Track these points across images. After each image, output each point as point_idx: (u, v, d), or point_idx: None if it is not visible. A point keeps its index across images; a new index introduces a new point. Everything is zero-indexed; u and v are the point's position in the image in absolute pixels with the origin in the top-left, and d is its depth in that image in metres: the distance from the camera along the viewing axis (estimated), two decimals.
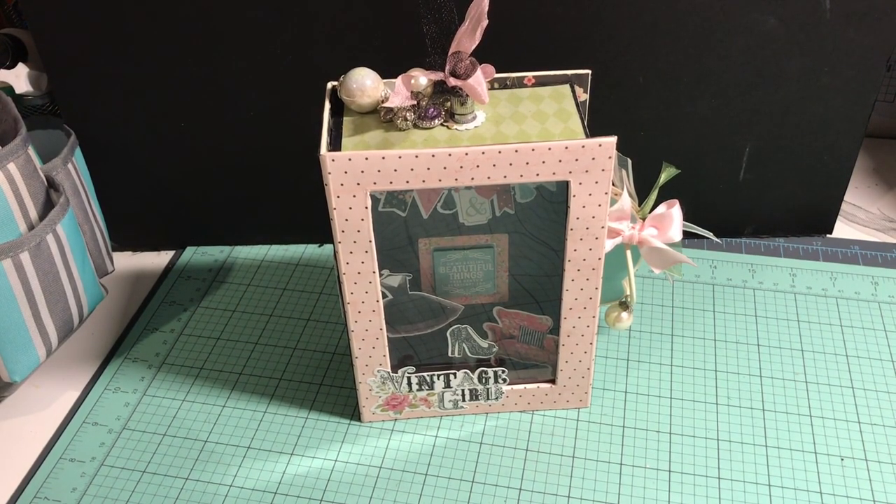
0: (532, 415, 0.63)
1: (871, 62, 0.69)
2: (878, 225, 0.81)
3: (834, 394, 0.64)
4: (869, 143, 0.91)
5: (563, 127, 0.52)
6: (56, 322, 0.63)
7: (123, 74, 0.70)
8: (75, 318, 0.66)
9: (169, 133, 0.73)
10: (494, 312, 0.63)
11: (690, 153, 0.74)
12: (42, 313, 0.62)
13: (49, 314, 0.62)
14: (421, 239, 0.59)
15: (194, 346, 0.71)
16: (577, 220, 0.53)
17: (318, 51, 0.69)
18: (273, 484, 0.59)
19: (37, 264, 0.60)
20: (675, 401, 0.64)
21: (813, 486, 0.58)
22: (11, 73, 0.78)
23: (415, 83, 0.52)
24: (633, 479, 0.59)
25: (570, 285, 0.56)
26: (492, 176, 0.50)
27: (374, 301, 0.56)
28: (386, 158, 0.49)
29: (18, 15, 0.81)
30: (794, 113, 0.72)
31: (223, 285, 0.77)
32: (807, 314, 0.71)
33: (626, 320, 0.64)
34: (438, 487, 0.59)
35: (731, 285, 0.74)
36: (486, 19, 0.48)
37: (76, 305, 0.65)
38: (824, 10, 0.66)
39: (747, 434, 0.61)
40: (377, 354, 0.59)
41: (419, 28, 0.51)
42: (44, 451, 0.63)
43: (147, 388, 0.67)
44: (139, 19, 0.67)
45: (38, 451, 0.63)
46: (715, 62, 0.69)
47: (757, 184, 0.76)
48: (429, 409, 0.63)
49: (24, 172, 0.60)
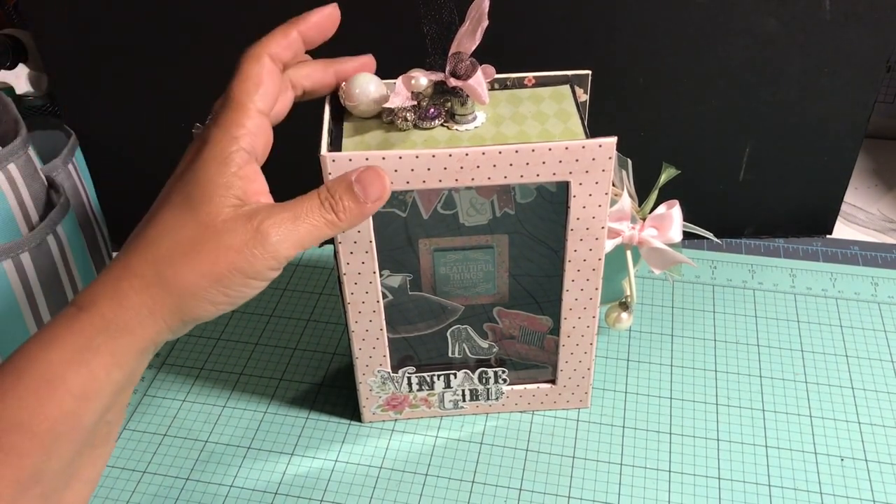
0: (532, 415, 0.63)
1: (871, 63, 0.69)
2: (877, 226, 0.81)
3: (834, 394, 0.64)
4: (869, 143, 0.91)
5: (563, 127, 0.52)
6: None
7: (123, 75, 0.70)
8: None
9: (169, 133, 0.73)
10: (494, 313, 0.63)
11: (690, 153, 0.74)
12: (42, 314, 0.62)
13: (50, 315, 0.62)
14: (421, 239, 0.59)
15: (194, 346, 0.71)
16: (577, 221, 0.53)
17: (318, 51, 0.68)
18: (273, 484, 0.59)
19: (37, 265, 0.60)
20: (675, 401, 0.64)
21: (813, 486, 0.58)
22: (11, 74, 0.78)
23: (415, 84, 0.52)
24: (633, 479, 0.59)
25: (571, 286, 0.56)
26: (492, 176, 0.50)
27: (375, 301, 0.56)
28: (386, 159, 0.49)
29: (18, 15, 0.81)
30: (794, 113, 0.72)
31: None
32: (807, 315, 0.71)
33: (626, 321, 0.64)
34: (438, 487, 0.59)
35: (731, 286, 0.74)
36: (486, 20, 0.48)
37: None
38: (824, 10, 0.66)
39: (747, 434, 0.61)
40: (377, 355, 0.59)
41: (419, 28, 0.51)
42: None
43: (147, 389, 0.67)
44: (139, 19, 0.67)
45: None
46: (715, 62, 0.69)
47: (757, 184, 0.76)
48: (429, 410, 0.63)
49: (25, 173, 0.60)
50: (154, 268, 0.43)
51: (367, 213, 0.46)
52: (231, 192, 0.44)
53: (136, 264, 0.43)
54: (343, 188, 0.46)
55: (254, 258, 0.43)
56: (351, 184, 0.46)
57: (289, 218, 0.44)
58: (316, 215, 0.45)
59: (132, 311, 0.42)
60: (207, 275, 0.43)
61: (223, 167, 0.44)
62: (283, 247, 0.44)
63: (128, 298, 0.42)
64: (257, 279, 0.44)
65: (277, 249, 0.43)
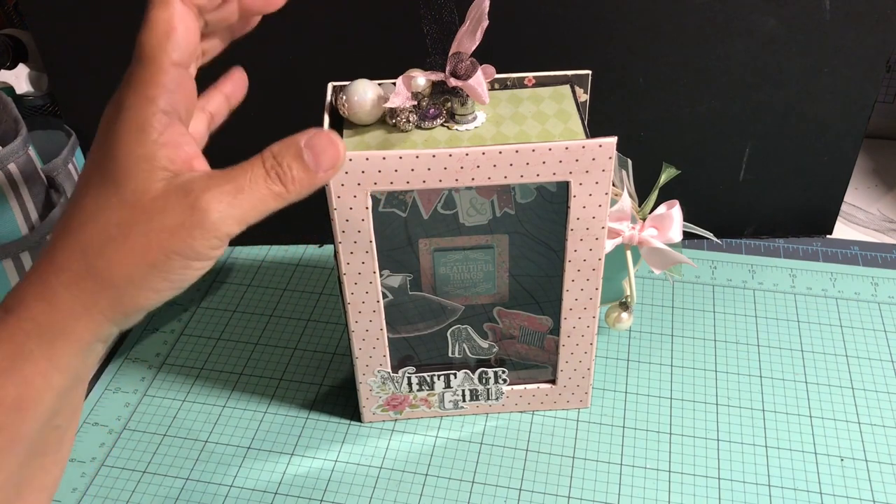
0: (532, 415, 0.63)
1: (871, 62, 0.69)
2: (877, 225, 0.81)
3: (834, 394, 0.64)
4: (869, 143, 0.91)
5: (563, 127, 0.52)
6: None
7: (123, 75, 0.70)
8: None
9: None
10: (495, 313, 0.63)
11: (690, 153, 0.74)
12: None
13: None
14: (421, 239, 0.59)
15: (195, 346, 0.71)
16: (577, 221, 0.53)
17: (318, 51, 0.69)
18: (273, 484, 0.59)
19: None
20: (675, 401, 0.64)
21: (813, 486, 0.58)
22: (12, 74, 0.78)
23: (415, 84, 0.52)
24: (633, 479, 0.59)
25: (571, 285, 0.56)
26: (492, 176, 0.50)
27: (375, 301, 0.56)
28: (386, 159, 0.49)
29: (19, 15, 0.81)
30: (794, 113, 0.72)
31: (223, 285, 0.77)
32: (807, 315, 0.71)
33: (626, 321, 0.64)
34: (438, 488, 0.59)
35: (731, 286, 0.74)
36: (486, 20, 0.48)
37: None
38: (824, 10, 0.66)
39: (747, 434, 0.61)
40: (377, 355, 0.59)
41: (419, 28, 0.51)
42: None
43: (147, 389, 0.67)
44: (139, 19, 0.67)
45: None
46: (715, 62, 0.69)
47: (757, 184, 0.76)
48: (429, 410, 0.63)
49: (25, 173, 0.60)
50: (82, 259, 0.37)
51: (318, 183, 0.40)
52: (156, 163, 0.38)
53: (63, 257, 0.38)
54: (291, 155, 0.39)
55: (192, 239, 0.37)
56: (300, 150, 0.39)
57: (230, 191, 0.38)
58: (261, 186, 0.39)
59: (65, 311, 0.37)
60: (141, 262, 0.37)
61: (141, 135, 0.38)
62: (226, 224, 0.38)
63: (58, 296, 0.37)
64: (199, 260, 0.38)
65: (219, 227, 0.38)
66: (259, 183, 0.39)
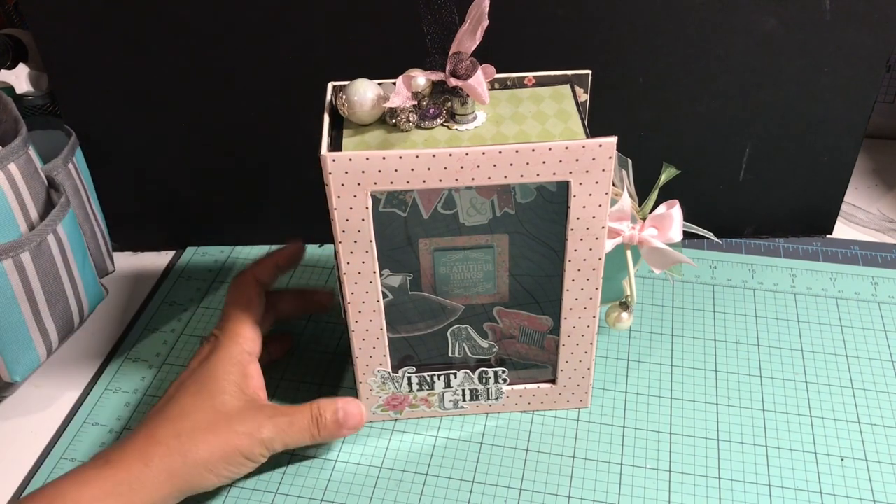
0: (532, 415, 0.64)
1: (871, 62, 0.69)
2: (877, 225, 0.81)
3: (834, 394, 0.64)
4: (869, 143, 0.91)
5: (563, 127, 0.52)
6: (57, 322, 0.63)
7: (123, 74, 0.70)
8: (76, 318, 0.66)
9: (169, 133, 0.74)
10: (495, 312, 0.63)
11: (690, 153, 0.74)
12: (43, 313, 0.62)
13: (50, 314, 0.62)
14: (421, 239, 0.59)
15: (195, 346, 0.71)
16: (577, 221, 0.53)
17: (318, 50, 0.69)
18: (273, 484, 0.59)
19: (37, 264, 0.60)
20: (675, 401, 0.64)
21: (813, 486, 0.58)
22: (12, 74, 0.78)
23: (414, 83, 0.52)
24: (633, 479, 0.59)
25: (571, 285, 0.56)
26: (492, 176, 0.50)
27: (375, 301, 0.56)
28: (386, 158, 0.49)
29: (19, 15, 0.81)
30: (794, 113, 0.72)
31: (224, 286, 0.77)
32: (807, 314, 0.71)
33: (626, 320, 0.64)
34: (438, 487, 0.59)
35: (731, 285, 0.75)
36: (486, 20, 0.48)
37: (77, 305, 0.65)
38: (824, 10, 0.66)
39: (747, 434, 0.61)
40: (377, 354, 0.59)
41: (419, 28, 0.51)
42: (44, 451, 0.63)
43: (147, 389, 0.67)
44: (139, 19, 0.67)
45: (38, 451, 0.63)
46: (715, 62, 0.69)
47: (757, 184, 0.76)
48: (429, 410, 0.63)
49: (25, 173, 0.60)
50: (177, 441, 0.53)
51: (340, 436, 0.57)
52: (239, 387, 0.56)
53: (162, 436, 0.53)
54: (331, 411, 0.57)
55: (252, 445, 0.54)
56: (337, 409, 0.57)
57: (285, 423, 0.55)
58: (305, 426, 0.56)
59: (154, 472, 0.52)
60: (217, 452, 0.53)
61: (233, 367, 0.57)
62: (275, 444, 0.55)
63: (152, 461, 0.52)
64: (251, 460, 0.55)
65: (272, 444, 0.55)
66: (304, 423, 0.56)
